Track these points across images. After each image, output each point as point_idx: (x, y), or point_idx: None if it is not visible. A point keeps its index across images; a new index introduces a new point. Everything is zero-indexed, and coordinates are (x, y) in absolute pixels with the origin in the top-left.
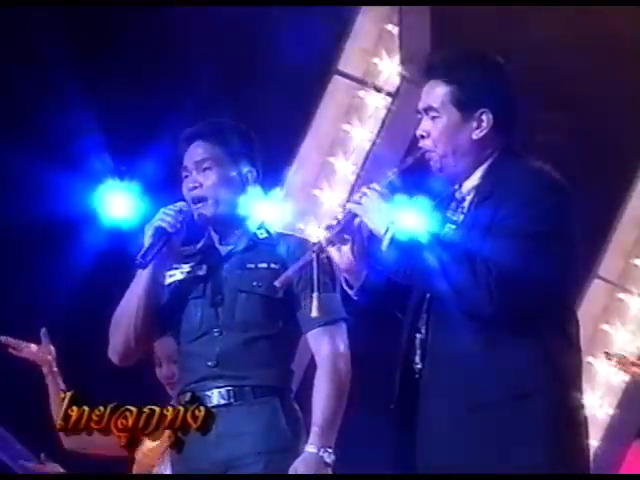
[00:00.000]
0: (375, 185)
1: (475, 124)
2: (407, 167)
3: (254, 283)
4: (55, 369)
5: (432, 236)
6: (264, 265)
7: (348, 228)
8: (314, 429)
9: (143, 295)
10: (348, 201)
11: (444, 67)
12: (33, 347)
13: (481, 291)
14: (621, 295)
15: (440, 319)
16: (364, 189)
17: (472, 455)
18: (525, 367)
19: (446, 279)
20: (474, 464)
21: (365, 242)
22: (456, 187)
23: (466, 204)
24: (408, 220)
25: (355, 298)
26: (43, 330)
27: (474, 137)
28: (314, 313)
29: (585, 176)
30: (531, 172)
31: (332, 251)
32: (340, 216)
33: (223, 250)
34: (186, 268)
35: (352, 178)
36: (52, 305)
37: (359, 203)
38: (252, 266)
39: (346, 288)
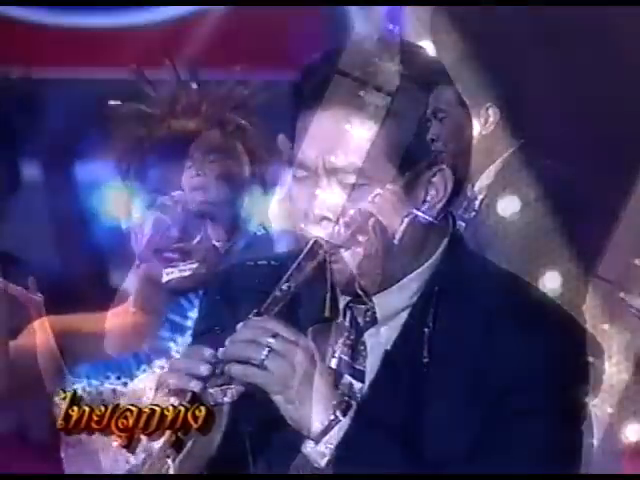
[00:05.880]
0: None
1: (482, 120)
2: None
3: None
4: (44, 312)
5: None
6: (264, 262)
7: (363, 228)
8: None
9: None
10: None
11: (445, 72)
12: (22, 289)
13: None
14: (621, 295)
15: (447, 312)
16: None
17: (472, 442)
18: (528, 354)
19: None
20: (475, 450)
21: (380, 243)
22: (468, 186)
23: (477, 203)
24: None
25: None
26: (31, 279)
27: (483, 132)
28: (326, 314)
29: (584, 176)
30: (546, 169)
31: (345, 255)
32: (349, 219)
33: (221, 247)
34: (184, 266)
35: None
36: (51, 304)
37: (372, 202)
38: (251, 264)
39: (361, 294)
